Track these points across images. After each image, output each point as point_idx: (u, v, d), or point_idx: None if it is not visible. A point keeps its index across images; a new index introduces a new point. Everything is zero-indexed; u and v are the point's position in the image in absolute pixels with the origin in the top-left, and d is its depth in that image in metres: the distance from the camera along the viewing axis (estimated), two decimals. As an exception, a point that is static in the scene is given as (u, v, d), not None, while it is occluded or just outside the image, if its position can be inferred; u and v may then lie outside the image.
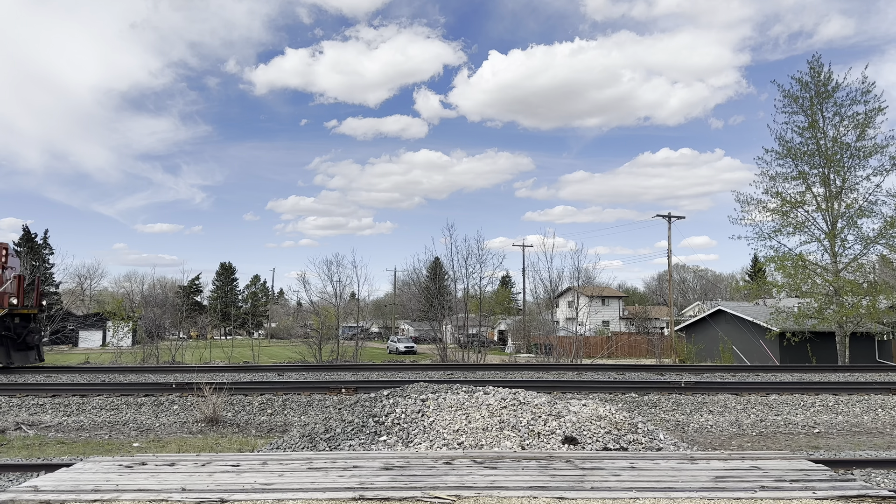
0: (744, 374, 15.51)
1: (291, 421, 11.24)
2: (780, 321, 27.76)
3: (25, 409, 11.92)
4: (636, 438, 8.27)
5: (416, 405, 9.02)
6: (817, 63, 26.89)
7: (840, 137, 26.45)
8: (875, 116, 25.90)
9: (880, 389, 12.81)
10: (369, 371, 15.67)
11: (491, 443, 7.98)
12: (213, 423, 11.02)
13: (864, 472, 7.33)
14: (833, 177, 26.50)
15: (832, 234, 26.26)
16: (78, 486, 5.90)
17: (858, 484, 5.97)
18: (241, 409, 11.83)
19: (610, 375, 15.00)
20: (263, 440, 9.95)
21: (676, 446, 8.40)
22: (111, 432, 10.79)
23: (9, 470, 7.54)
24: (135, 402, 12.22)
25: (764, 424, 11.04)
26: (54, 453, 9.00)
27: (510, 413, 8.63)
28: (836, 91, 26.58)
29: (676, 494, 5.53)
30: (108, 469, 6.58)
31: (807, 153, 26.72)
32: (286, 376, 15.03)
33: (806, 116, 26.93)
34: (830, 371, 16.19)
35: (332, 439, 8.50)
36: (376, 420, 8.80)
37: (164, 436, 10.54)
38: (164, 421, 11.32)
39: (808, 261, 26.91)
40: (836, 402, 12.04)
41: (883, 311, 25.83)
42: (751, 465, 6.62)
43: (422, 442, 8.09)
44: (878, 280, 28.76)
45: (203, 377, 13.57)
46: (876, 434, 10.56)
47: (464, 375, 14.86)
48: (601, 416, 8.66)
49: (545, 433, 8.19)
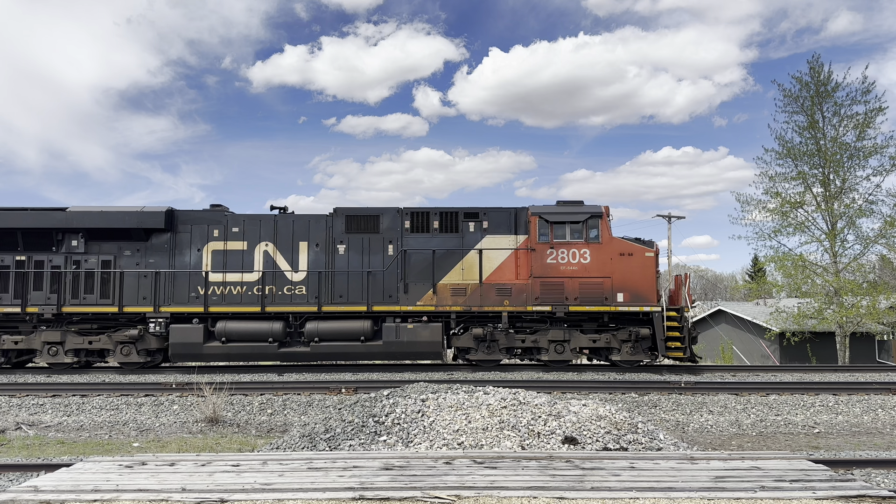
0: (744, 374, 15.51)
1: (291, 421, 11.25)
2: (780, 321, 27.77)
3: (25, 408, 11.93)
4: (636, 438, 8.28)
5: (416, 405, 9.02)
6: (817, 63, 26.91)
7: (840, 137, 26.45)
8: (875, 116, 25.91)
9: (880, 389, 12.81)
10: (369, 371, 15.71)
11: (491, 443, 7.98)
12: (213, 423, 11.03)
13: (864, 472, 7.33)
14: (833, 177, 26.50)
15: (832, 234, 26.26)
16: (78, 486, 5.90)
17: (858, 484, 5.97)
18: (241, 409, 11.84)
19: (610, 375, 15.01)
20: (263, 440, 9.95)
21: (676, 446, 8.40)
22: (111, 432, 10.79)
23: (9, 470, 7.54)
24: (135, 401, 12.23)
25: (764, 424, 11.05)
26: (54, 453, 9.00)
27: (510, 413, 8.63)
28: (836, 91, 26.58)
29: (676, 494, 5.53)
30: (108, 469, 6.59)
31: (806, 153, 26.72)
32: (286, 376, 15.06)
33: (806, 116, 26.94)
34: (830, 371, 16.18)
35: (332, 439, 8.51)
36: (376, 420, 8.81)
37: (164, 436, 10.54)
38: (164, 421, 11.33)
39: (808, 261, 26.92)
40: (836, 402, 12.05)
41: (883, 311, 25.82)
42: (751, 465, 6.63)
43: (422, 442, 8.09)
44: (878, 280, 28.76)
45: (203, 377, 13.58)
46: (876, 434, 10.56)
47: (464, 375, 14.88)
48: (601, 416, 8.66)
49: (545, 433, 8.20)
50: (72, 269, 16.04)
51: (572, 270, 15.77)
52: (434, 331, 15.65)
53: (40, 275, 16.05)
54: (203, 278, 15.96)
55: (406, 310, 15.86)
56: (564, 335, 15.80)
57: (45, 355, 15.94)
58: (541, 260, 15.81)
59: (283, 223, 16.32)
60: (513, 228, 16.15)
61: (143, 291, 16.00)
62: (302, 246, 16.18)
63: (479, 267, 15.89)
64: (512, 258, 16.00)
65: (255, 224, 16.34)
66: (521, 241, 16.05)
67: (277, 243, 16.19)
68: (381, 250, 16.18)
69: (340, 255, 16.18)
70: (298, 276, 16.08)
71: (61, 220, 16.15)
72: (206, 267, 16.05)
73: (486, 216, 16.22)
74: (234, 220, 16.33)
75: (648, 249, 15.99)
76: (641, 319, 15.91)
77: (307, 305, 15.92)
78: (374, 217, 16.33)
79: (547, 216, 15.89)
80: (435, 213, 16.28)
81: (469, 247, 16.06)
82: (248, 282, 16.01)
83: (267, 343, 15.63)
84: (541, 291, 15.70)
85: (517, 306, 15.78)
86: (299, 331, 15.96)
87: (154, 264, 16.10)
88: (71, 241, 16.24)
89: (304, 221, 16.38)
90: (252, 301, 15.94)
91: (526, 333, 15.97)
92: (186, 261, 16.17)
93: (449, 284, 15.92)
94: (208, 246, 16.21)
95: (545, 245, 15.86)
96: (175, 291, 16.01)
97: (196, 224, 16.34)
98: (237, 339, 15.66)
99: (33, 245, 16.24)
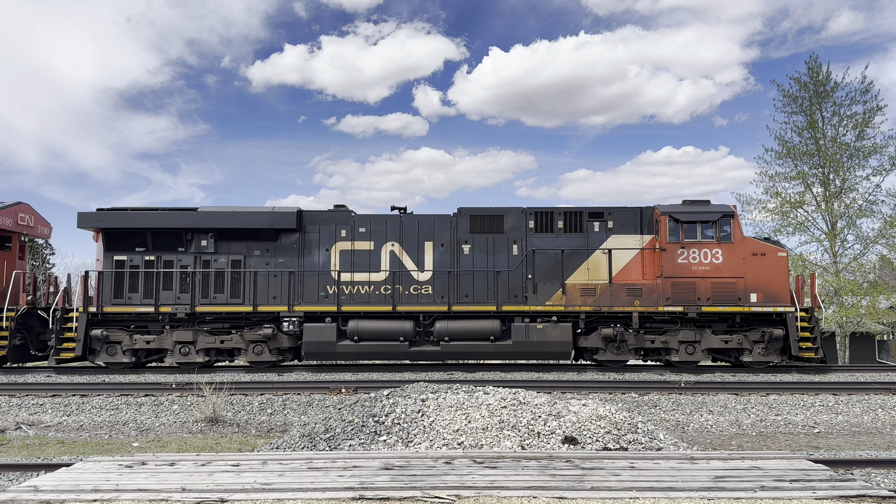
0: (744, 374, 15.50)
1: (291, 421, 11.25)
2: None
3: (25, 408, 11.93)
4: (636, 438, 8.28)
5: (416, 405, 9.02)
6: (815, 63, 26.91)
7: (839, 137, 26.46)
8: (874, 116, 25.93)
9: (880, 389, 12.81)
10: (369, 371, 15.72)
11: (491, 443, 7.98)
12: (213, 423, 11.03)
13: (864, 472, 7.33)
14: (832, 177, 26.51)
15: (832, 234, 26.26)
16: (78, 486, 5.90)
17: (858, 484, 5.97)
18: (241, 408, 11.84)
19: (610, 375, 15.00)
20: (263, 440, 9.95)
21: (676, 446, 8.40)
22: (111, 432, 10.79)
23: (9, 470, 7.54)
24: (135, 401, 12.23)
25: (764, 424, 11.05)
26: (54, 453, 9.00)
27: (510, 413, 8.63)
28: (835, 91, 26.59)
29: (676, 494, 5.54)
30: (108, 469, 6.59)
31: (806, 153, 26.73)
32: (286, 376, 15.07)
33: (805, 116, 26.95)
34: (830, 371, 16.18)
35: (332, 439, 8.51)
36: (376, 420, 8.81)
37: (164, 435, 10.54)
38: (163, 421, 11.33)
39: (808, 261, 26.91)
40: (836, 402, 12.05)
41: (883, 311, 25.82)
42: (751, 464, 6.63)
43: (422, 442, 8.09)
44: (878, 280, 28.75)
45: (203, 377, 13.58)
46: (876, 434, 10.57)
47: (464, 375, 14.88)
48: (601, 415, 8.66)
49: (545, 433, 8.20)
50: (201, 268, 16.21)
51: (704, 270, 15.70)
52: (564, 331, 15.70)
53: (169, 274, 16.18)
54: (333, 278, 16.15)
55: (536, 310, 15.92)
56: (695, 336, 15.76)
57: (176, 355, 16.03)
58: (671, 260, 15.72)
59: (408, 223, 16.50)
60: (638, 228, 16.16)
61: (272, 291, 16.16)
62: (427, 246, 16.35)
63: (609, 267, 15.90)
64: (638, 258, 16.01)
65: (380, 224, 16.51)
66: (647, 240, 16.04)
67: (403, 243, 16.36)
68: (506, 250, 16.26)
69: (465, 255, 16.31)
70: (424, 276, 16.24)
71: (192, 220, 16.29)
72: (334, 266, 16.23)
73: (612, 216, 16.27)
74: (360, 221, 16.51)
75: (781, 249, 15.99)
76: (774, 320, 15.80)
77: (434, 305, 16.05)
78: (499, 217, 16.42)
79: (678, 216, 15.79)
80: (559, 213, 16.37)
81: (594, 246, 16.09)
82: (375, 281, 16.19)
83: (398, 342, 15.78)
84: (672, 292, 15.66)
85: (648, 306, 15.75)
86: (428, 330, 16.07)
87: (284, 264, 16.24)
88: (200, 241, 16.38)
89: (429, 221, 16.56)
90: (379, 300, 16.12)
91: (655, 334, 15.96)
92: (315, 261, 16.34)
93: (578, 284, 15.95)
94: (336, 246, 16.40)
95: (675, 245, 15.74)
96: (304, 291, 16.18)
97: (324, 224, 16.52)
98: (369, 338, 15.82)
99: (162, 245, 16.36)
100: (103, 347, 15.92)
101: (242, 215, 16.30)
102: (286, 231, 16.38)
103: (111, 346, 15.97)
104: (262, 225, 16.17)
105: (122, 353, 15.98)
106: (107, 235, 16.31)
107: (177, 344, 15.96)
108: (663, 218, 15.85)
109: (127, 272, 16.20)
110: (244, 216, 16.28)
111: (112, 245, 16.32)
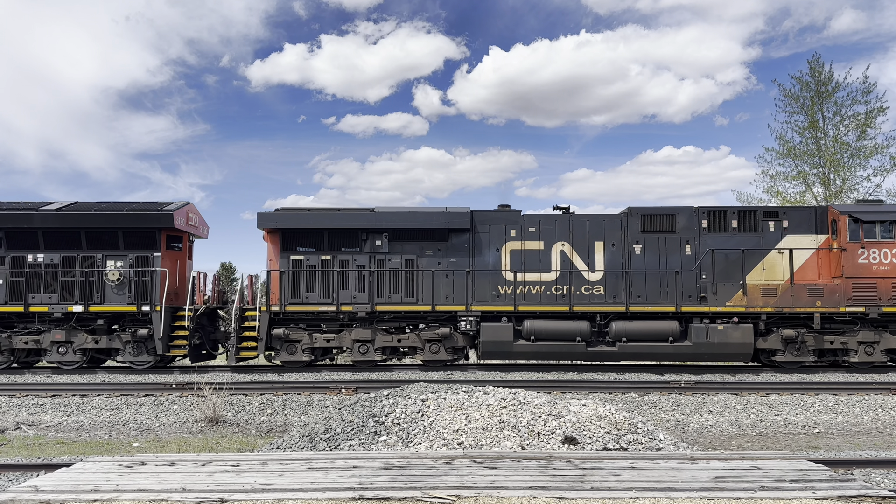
0: (744, 374, 15.50)
1: (291, 421, 11.25)
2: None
3: (25, 408, 11.93)
4: (636, 438, 8.27)
5: (415, 405, 9.02)
6: (817, 63, 26.91)
7: (840, 137, 26.47)
8: (876, 116, 25.93)
9: (880, 389, 12.82)
10: (369, 371, 15.72)
11: (491, 443, 7.98)
12: (213, 423, 11.02)
13: (864, 472, 7.32)
14: (833, 176, 26.52)
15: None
16: (78, 486, 5.90)
17: (858, 484, 5.97)
18: (241, 409, 11.84)
19: (610, 375, 15.00)
20: (263, 440, 9.95)
21: (676, 446, 8.40)
22: (111, 432, 10.79)
23: (9, 470, 7.54)
24: (135, 401, 12.23)
25: (764, 424, 11.05)
26: (54, 453, 9.00)
27: (510, 413, 8.63)
28: (837, 91, 26.60)
29: (676, 494, 5.54)
30: (107, 469, 6.59)
31: (807, 153, 26.74)
32: (286, 376, 15.06)
33: (806, 116, 26.96)
34: (830, 371, 16.18)
35: (332, 439, 8.50)
36: (376, 420, 8.81)
37: (164, 436, 10.54)
38: (163, 421, 11.33)
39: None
40: (836, 402, 12.05)
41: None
42: (751, 465, 6.63)
43: (422, 442, 8.09)
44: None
45: (203, 377, 13.58)
46: (876, 434, 10.56)
47: (464, 375, 14.88)
48: (601, 416, 8.66)
49: (545, 433, 8.19)
50: (376, 268, 16.32)
51: (884, 270, 15.61)
52: (745, 332, 15.56)
53: (345, 273, 16.33)
54: (504, 278, 16.21)
55: (717, 310, 15.79)
56: (875, 336, 15.66)
57: (354, 353, 16.11)
58: (852, 260, 15.59)
59: (577, 223, 16.47)
60: (814, 228, 16.08)
61: (444, 290, 16.25)
62: (598, 245, 16.31)
63: (790, 267, 15.79)
64: (814, 258, 15.96)
65: (550, 224, 16.50)
66: (822, 240, 16.00)
67: (573, 243, 16.33)
68: (678, 250, 16.19)
69: (637, 255, 16.24)
70: (595, 276, 16.21)
71: (369, 220, 16.42)
72: (504, 266, 16.28)
73: (787, 215, 16.21)
74: (530, 221, 16.54)
75: None
76: None
77: (607, 305, 16.01)
78: (670, 216, 16.36)
79: (859, 215, 15.70)
80: (733, 213, 16.29)
81: (769, 246, 16.00)
82: (546, 281, 16.19)
83: (574, 342, 15.71)
84: (853, 292, 15.57)
85: (829, 307, 15.64)
86: (602, 331, 16.01)
87: (455, 264, 16.33)
88: (375, 241, 16.49)
89: (599, 221, 16.52)
90: (550, 300, 16.12)
91: (834, 335, 15.82)
92: (485, 260, 16.42)
93: (759, 285, 15.85)
94: (506, 246, 16.46)
95: (856, 245, 15.62)
96: (476, 290, 16.24)
97: (493, 224, 16.56)
98: (545, 338, 15.78)
99: (338, 245, 16.49)
100: (283, 346, 16.06)
101: (418, 216, 16.53)
102: (457, 231, 16.49)
103: (291, 345, 16.10)
104: (436, 225, 16.32)
105: (301, 351, 16.09)
106: (285, 235, 16.46)
107: (355, 342, 16.06)
108: (843, 218, 15.72)
109: (304, 271, 16.34)
110: (419, 216, 16.50)
111: (288, 244, 16.47)
